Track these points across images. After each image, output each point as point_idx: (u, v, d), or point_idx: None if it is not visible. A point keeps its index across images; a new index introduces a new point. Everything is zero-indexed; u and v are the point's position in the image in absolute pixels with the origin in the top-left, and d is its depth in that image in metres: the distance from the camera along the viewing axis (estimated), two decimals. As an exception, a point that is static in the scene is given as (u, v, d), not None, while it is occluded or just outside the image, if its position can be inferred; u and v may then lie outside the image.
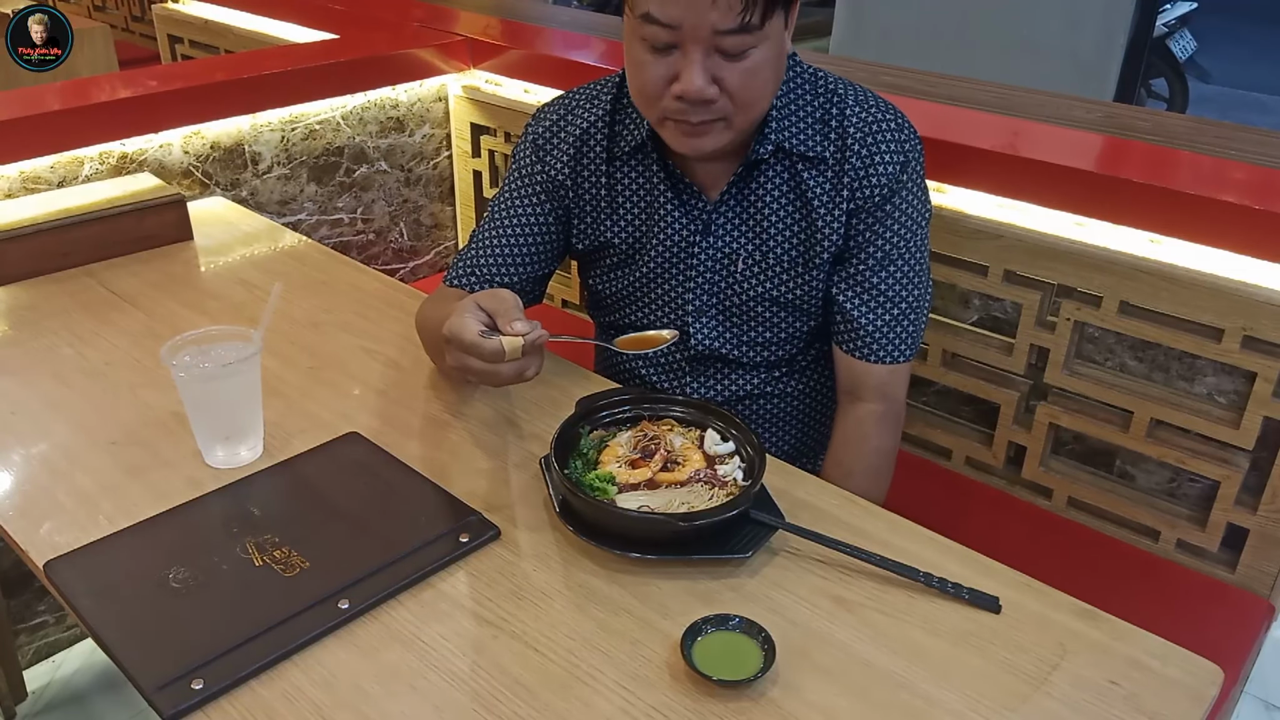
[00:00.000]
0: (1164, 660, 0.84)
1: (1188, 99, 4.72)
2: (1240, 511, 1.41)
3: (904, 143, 1.16)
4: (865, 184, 1.15)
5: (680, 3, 0.99)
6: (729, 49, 1.02)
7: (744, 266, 1.21)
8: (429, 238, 2.38)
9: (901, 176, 1.16)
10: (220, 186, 1.94)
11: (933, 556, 0.95)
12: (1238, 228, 1.32)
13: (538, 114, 1.28)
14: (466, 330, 0.98)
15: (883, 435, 1.24)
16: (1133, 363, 1.49)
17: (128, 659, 0.81)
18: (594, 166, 1.23)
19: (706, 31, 1.00)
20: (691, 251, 1.21)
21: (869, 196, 1.15)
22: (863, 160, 1.14)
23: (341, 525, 0.98)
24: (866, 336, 1.20)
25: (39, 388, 1.18)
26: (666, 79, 1.04)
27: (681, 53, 1.02)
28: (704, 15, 0.99)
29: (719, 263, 1.21)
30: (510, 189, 1.28)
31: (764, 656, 0.81)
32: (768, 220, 1.19)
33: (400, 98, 2.17)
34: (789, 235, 1.19)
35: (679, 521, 0.92)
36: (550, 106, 1.27)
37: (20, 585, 1.76)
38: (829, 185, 1.16)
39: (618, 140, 1.22)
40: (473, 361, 0.99)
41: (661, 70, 1.04)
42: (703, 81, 1.02)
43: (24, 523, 0.96)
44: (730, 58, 1.02)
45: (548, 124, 1.26)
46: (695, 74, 1.02)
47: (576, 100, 1.25)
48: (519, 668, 0.82)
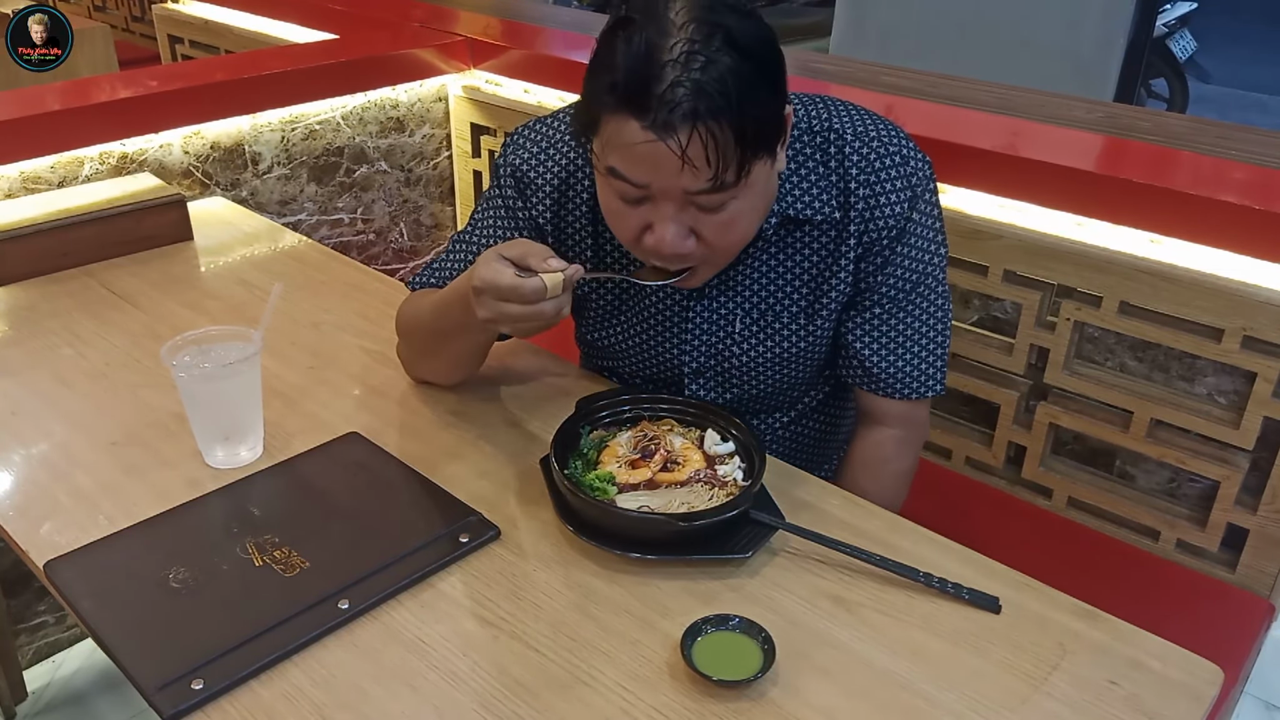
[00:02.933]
0: (1164, 660, 0.84)
1: (1188, 99, 4.72)
2: (1240, 511, 1.41)
3: (910, 177, 1.06)
4: (872, 228, 1.06)
5: (645, 166, 0.90)
6: (705, 205, 0.93)
7: (742, 327, 1.13)
8: (429, 238, 2.38)
9: (911, 215, 1.07)
10: (220, 186, 1.94)
11: (933, 556, 0.95)
12: (1238, 228, 1.32)
13: (517, 140, 1.15)
14: (502, 275, 0.93)
15: (903, 458, 1.19)
16: (1133, 363, 1.49)
17: (128, 659, 0.81)
18: (578, 214, 1.13)
19: (677, 193, 0.92)
20: (686, 315, 1.13)
21: (875, 239, 1.07)
22: (868, 204, 1.05)
23: (341, 525, 0.98)
24: (883, 377, 1.13)
25: (39, 388, 1.18)
26: (640, 228, 0.96)
27: (653, 206, 0.94)
28: (672, 179, 0.90)
29: (715, 324, 1.13)
30: (491, 213, 1.17)
31: (764, 656, 0.81)
32: (766, 279, 1.11)
33: (400, 98, 2.17)
34: (791, 292, 1.11)
35: (679, 521, 0.92)
36: (530, 135, 1.14)
37: (20, 585, 1.76)
38: (831, 241, 1.08)
39: None
40: (511, 307, 0.94)
41: (634, 220, 0.96)
42: (677, 238, 0.94)
43: (24, 523, 0.96)
44: (708, 211, 0.94)
45: (528, 156, 1.13)
46: (668, 231, 0.94)
47: (558, 133, 1.13)
48: (519, 668, 0.82)
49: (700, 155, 0.87)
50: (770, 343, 1.13)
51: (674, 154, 0.87)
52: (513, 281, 0.93)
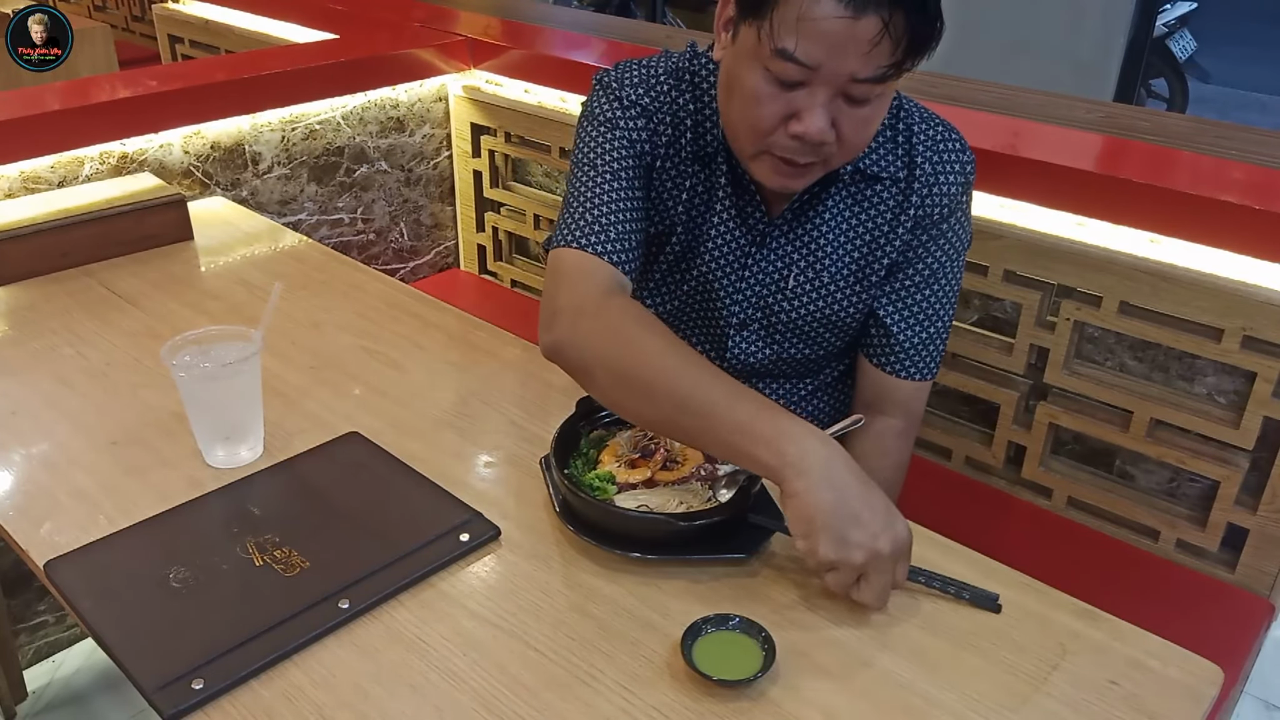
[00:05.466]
0: (1164, 660, 0.84)
1: (1188, 99, 4.72)
2: (1240, 511, 1.41)
3: (966, 164, 1.14)
4: (930, 199, 1.13)
5: (825, 45, 0.92)
6: (855, 95, 0.97)
7: (795, 284, 1.17)
8: (429, 238, 2.38)
9: (962, 197, 1.15)
10: (220, 186, 1.94)
11: (933, 556, 0.95)
12: (1237, 228, 1.32)
13: (626, 75, 1.15)
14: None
15: (902, 450, 1.23)
16: (1132, 363, 1.49)
17: (128, 659, 0.81)
18: (677, 157, 1.15)
19: (844, 79, 0.95)
20: (745, 264, 1.17)
21: (929, 213, 1.14)
22: (930, 177, 1.12)
23: (341, 525, 0.98)
24: (900, 351, 1.19)
25: (39, 388, 1.18)
26: (783, 115, 0.99)
27: (808, 92, 0.97)
28: (846, 61, 0.93)
29: (770, 277, 1.17)
30: (612, 145, 1.13)
31: (764, 656, 0.81)
32: (825, 239, 1.15)
33: (400, 98, 2.17)
34: (847, 252, 1.16)
35: (679, 521, 0.92)
36: (637, 73, 1.15)
37: (20, 585, 1.76)
38: (894, 203, 1.14)
39: (700, 139, 1.14)
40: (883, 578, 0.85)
41: (779, 106, 0.98)
42: (824, 124, 0.98)
43: (24, 523, 0.96)
44: (852, 103, 0.98)
45: (644, 92, 1.14)
46: (819, 115, 0.97)
47: (657, 76, 1.15)
48: (519, 668, 0.82)
49: (887, 40, 0.92)
50: (821, 302, 1.18)
51: (863, 35, 0.91)
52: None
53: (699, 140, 1.14)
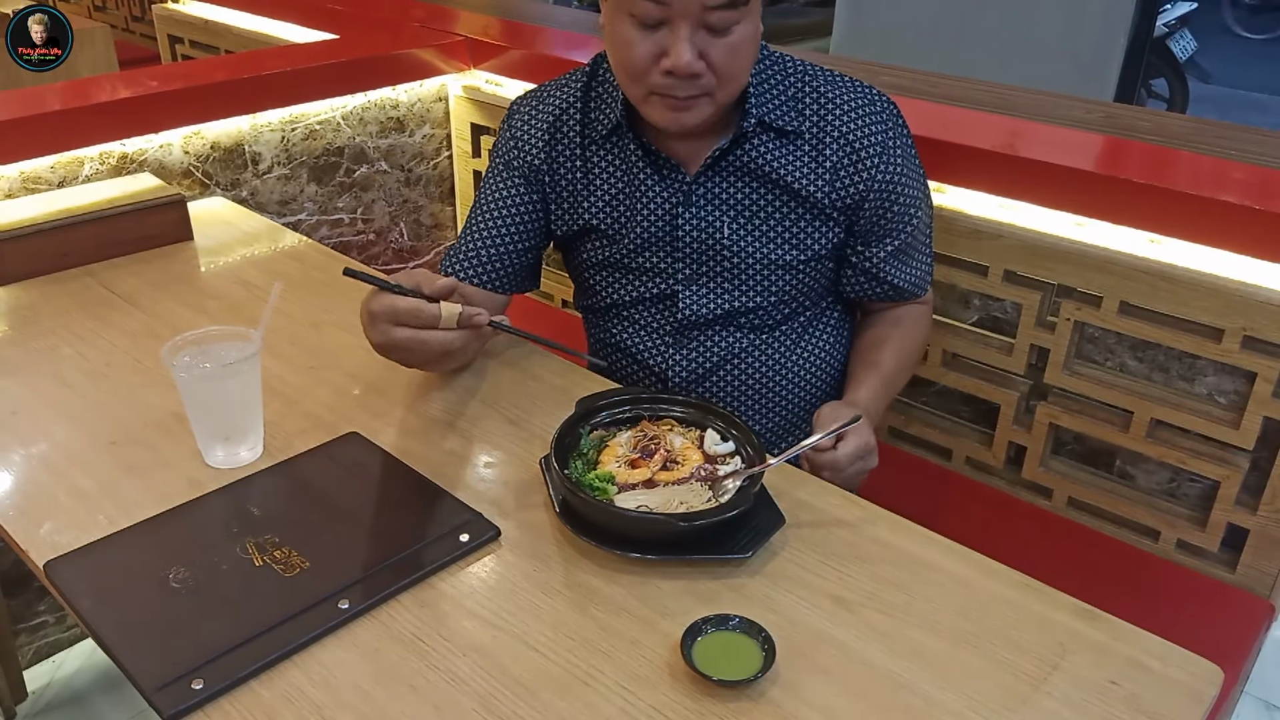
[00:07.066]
0: (1164, 660, 0.84)
1: (1188, 99, 4.72)
2: (1240, 512, 1.41)
3: (880, 110, 1.23)
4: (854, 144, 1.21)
5: None
6: (715, 24, 1.07)
7: (730, 231, 1.24)
8: (429, 238, 2.38)
9: (891, 136, 1.23)
10: (220, 186, 1.94)
11: (933, 556, 0.95)
12: (1237, 228, 1.32)
13: (513, 106, 1.33)
14: (400, 300, 1.03)
15: (924, 328, 1.37)
16: (1133, 363, 1.49)
17: (128, 659, 0.81)
18: (569, 150, 1.28)
19: (696, 8, 1.05)
20: (675, 223, 1.24)
21: (861, 157, 1.21)
22: (844, 124, 1.21)
23: (341, 525, 0.98)
24: (906, 288, 1.31)
25: (39, 388, 1.18)
26: (654, 55, 1.09)
27: (670, 29, 1.07)
28: None
29: (704, 231, 1.24)
30: (492, 179, 1.32)
31: (764, 656, 0.81)
32: (750, 187, 1.23)
33: (400, 98, 2.17)
34: (773, 198, 1.23)
35: (679, 521, 0.92)
36: (524, 98, 1.33)
37: (20, 585, 1.76)
38: (809, 153, 1.22)
39: (592, 124, 1.26)
40: (399, 332, 1.04)
41: (649, 47, 1.09)
42: (691, 56, 1.07)
43: (24, 523, 0.96)
44: (716, 33, 1.08)
45: (522, 113, 1.31)
46: (684, 49, 1.07)
47: (548, 89, 1.31)
48: (519, 668, 0.82)
49: None
50: (764, 248, 1.25)
51: None
52: (410, 305, 1.02)
53: (590, 124, 1.26)
